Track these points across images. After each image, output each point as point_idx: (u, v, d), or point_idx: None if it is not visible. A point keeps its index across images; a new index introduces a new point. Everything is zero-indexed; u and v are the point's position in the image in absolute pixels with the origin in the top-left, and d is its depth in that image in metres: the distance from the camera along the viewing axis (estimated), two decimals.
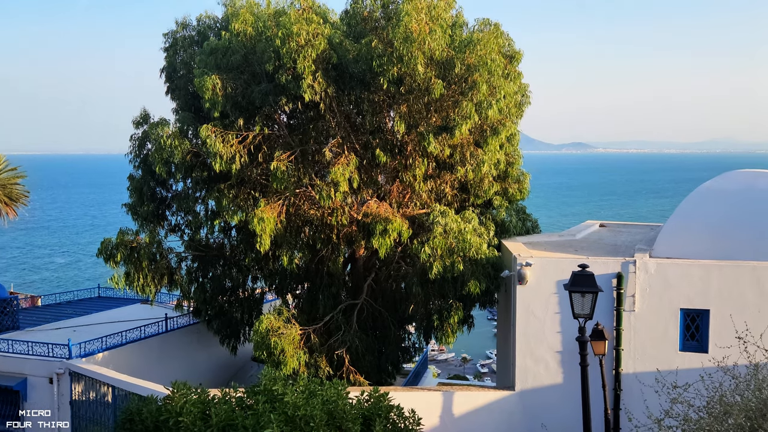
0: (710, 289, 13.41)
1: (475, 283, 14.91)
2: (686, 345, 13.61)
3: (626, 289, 13.77)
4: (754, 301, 13.21)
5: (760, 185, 14.66)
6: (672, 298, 13.62)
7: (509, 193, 18.05)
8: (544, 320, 14.20)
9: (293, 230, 17.28)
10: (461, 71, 14.67)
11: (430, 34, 14.01)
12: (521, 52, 17.06)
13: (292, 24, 14.48)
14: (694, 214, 14.84)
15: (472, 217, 15.58)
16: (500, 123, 15.86)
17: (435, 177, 16.92)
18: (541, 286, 14.14)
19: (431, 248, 14.80)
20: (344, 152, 15.62)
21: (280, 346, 15.05)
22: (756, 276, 13.25)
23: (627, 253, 15.21)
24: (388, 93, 15.51)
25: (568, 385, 13.89)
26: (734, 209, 14.46)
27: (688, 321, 13.66)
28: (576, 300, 10.16)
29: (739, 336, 8.50)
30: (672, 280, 13.63)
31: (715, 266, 13.46)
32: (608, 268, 13.92)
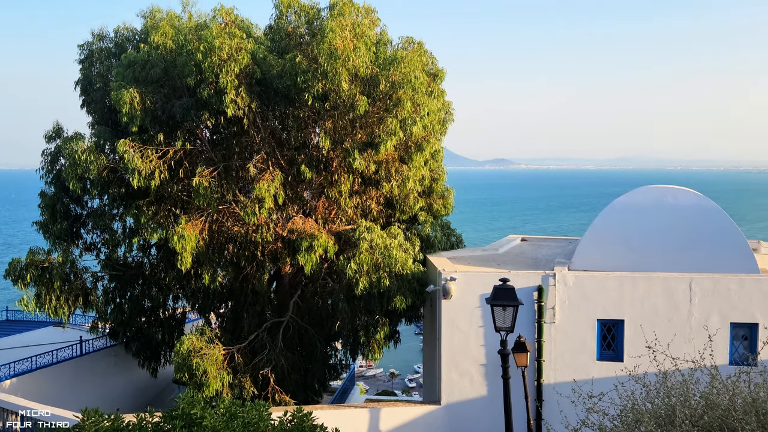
0: (624, 299, 13.99)
1: (401, 299, 14.99)
2: (603, 354, 14.11)
3: (547, 301, 14.16)
4: (664, 310, 13.86)
5: (668, 200, 15.44)
6: (589, 310, 14.11)
7: (434, 209, 18.28)
8: (469, 334, 14.41)
9: (216, 248, 16.88)
10: (386, 88, 14.80)
11: (355, 51, 14.08)
12: (444, 71, 17.39)
13: (214, 38, 14.24)
14: (608, 228, 15.46)
15: (397, 232, 15.68)
16: (424, 139, 16.08)
17: (361, 193, 16.95)
18: (466, 300, 14.36)
19: (357, 264, 14.78)
20: (269, 168, 15.43)
21: (202, 367, 14.60)
22: (666, 286, 13.91)
23: (547, 266, 15.67)
24: (313, 109, 15.47)
25: (492, 397, 14.11)
26: (645, 223, 15.17)
27: (604, 331, 14.18)
28: (497, 313, 10.36)
29: (648, 345, 8.88)
30: (589, 292, 14.13)
31: (628, 278, 14.05)
32: (529, 282, 14.30)
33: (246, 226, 15.95)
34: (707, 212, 15.16)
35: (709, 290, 13.71)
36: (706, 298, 13.72)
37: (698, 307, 13.72)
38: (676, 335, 13.43)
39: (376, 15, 15.88)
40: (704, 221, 14.98)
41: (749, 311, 13.56)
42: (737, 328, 13.71)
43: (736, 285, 13.66)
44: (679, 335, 13.48)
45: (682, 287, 13.82)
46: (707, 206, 15.32)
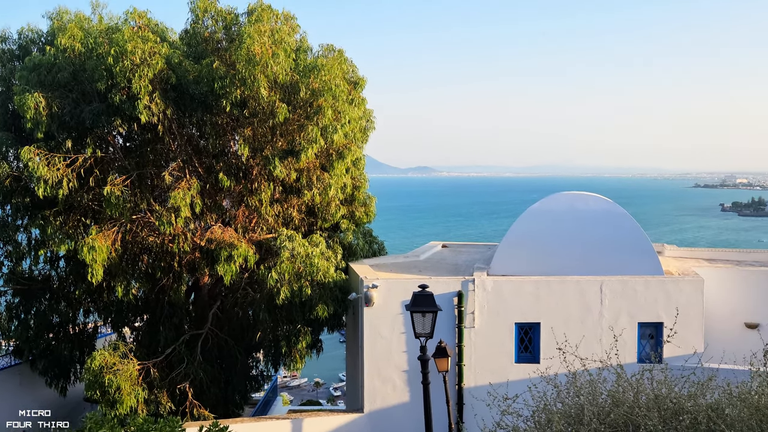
0: (540, 303, 14.43)
1: (323, 307, 14.90)
2: (521, 357, 14.50)
3: (467, 306, 14.43)
4: (578, 312, 14.39)
5: (579, 206, 16.10)
6: (508, 313, 14.47)
7: (356, 217, 18.30)
8: (391, 340, 14.48)
9: (130, 259, 16.26)
10: (306, 96, 14.72)
11: (274, 58, 13.93)
12: (365, 79, 17.47)
13: (126, 41, 13.75)
14: (524, 234, 15.94)
15: (319, 240, 15.58)
16: (346, 147, 16.08)
17: (282, 201, 16.76)
18: (388, 307, 14.43)
19: (278, 273, 14.59)
20: (186, 176, 15.01)
21: (115, 384, 13.99)
22: (579, 289, 14.46)
23: (467, 272, 15.97)
24: (231, 116, 15.18)
25: (414, 403, 14.21)
26: (559, 228, 15.74)
27: (522, 334, 14.57)
28: (417, 320, 10.46)
29: (559, 347, 9.20)
30: (507, 296, 14.50)
31: (543, 282, 14.51)
32: (450, 287, 14.53)
33: (162, 236, 15.45)
34: (616, 217, 15.90)
35: (618, 292, 14.34)
36: (616, 300, 14.34)
37: (608, 309, 14.32)
38: (589, 336, 13.96)
39: (295, 22, 15.79)
40: (613, 226, 15.70)
41: (654, 311, 14.27)
42: (644, 327, 14.40)
43: (643, 286, 14.36)
44: (592, 336, 14.02)
45: (593, 290, 14.39)
46: (616, 211, 16.07)
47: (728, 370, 9.85)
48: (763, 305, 15.66)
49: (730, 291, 15.98)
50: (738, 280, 16.06)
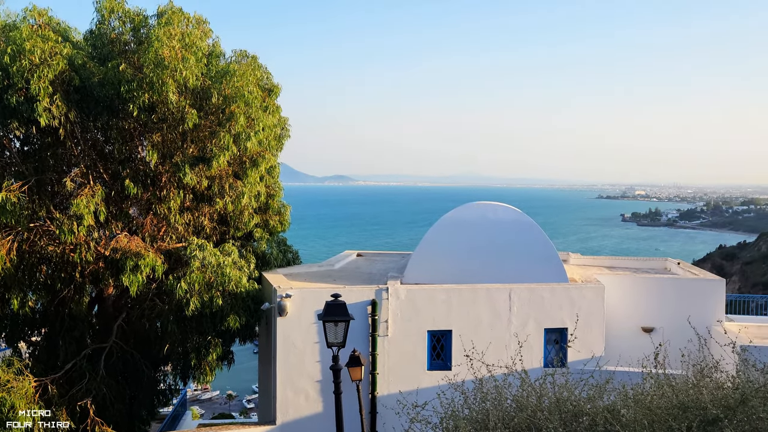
0: (452, 310, 14.72)
1: (234, 318, 14.58)
2: (433, 364, 14.72)
3: (380, 315, 14.51)
4: (488, 319, 14.77)
5: (490, 216, 16.57)
6: (420, 321, 14.67)
7: (270, 225, 18.04)
8: (304, 351, 14.36)
9: (27, 269, 15.34)
10: (218, 101, 14.41)
11: (183, 62, 13.57)
12: (279, 86, 17.31)
13: (24, 40, 13.00)
14: (436, 243, 16.24)
15: (232, 250, 15.25)
16: (260, 155, 15.85)
17: (193, 209, 16.29)
18: (301, 316, 14.31)
19: (188, 283, 14.17)
20: (89, 183, 14.34)
21: (9, 402, 13.10)
22: (489, 297, 14.86)
23: (381, 280, 16.08)
24: (139, 121, 14.64)
25: (327, 413, 14.13)
26: (470, 237, 16.13)
27: (434, 342, 14.80)
28: (329, 329, 10.42)
29: (467, 354, 9.41)
30: (420, 304, 14.70)
31: (455, 290, 14.81)
32: (363, 296, 14.57)
33: (62, 246, 14.66)
34: (524, 226, 16.47)
35: (525, 299, 14.84)
36: (524, 307, 14.83)
37: (517, 315, 14.79)
38: (498, 342, 14.36)
39: (208, 26, 15.45)
40: (521, 235, 16.26)
41: (559, 317, 14.86)
42: (550, 333, 14.97)
43: (549, 293, 14.93)
44: (501, 342, 14.43)
45: (502, 297, 14.83)
46: (524, 221, 16.65)
47: (624, 372, 10.38)
48: (658, 310, 16.61)
49: (628, 297, 16.86)
50: (635, 286, 16.98)
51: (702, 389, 5.38)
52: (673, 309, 16.16)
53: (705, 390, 5.34)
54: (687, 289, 16.77)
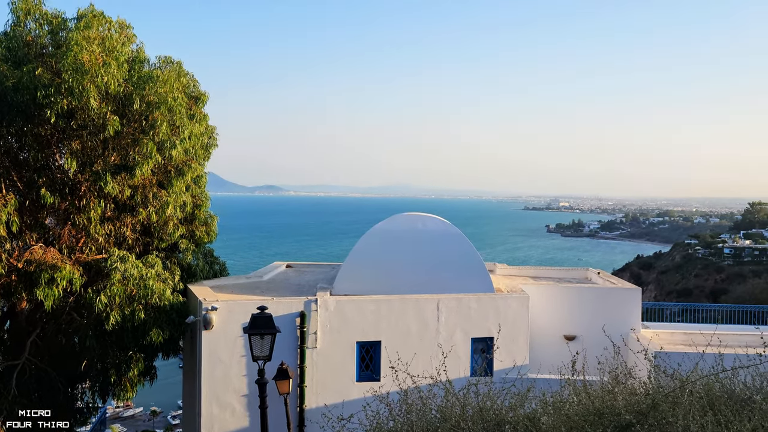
0: (381, 321, 14.76)
1: (157, 332, 14.13)
2: (362, 375, 14.69)
3: (309, 327, 14.39)
4: (416, 330, 14.89)
5: (418, 227, 16.75)
6: (349, 333, 14.64)
7: (196, 236, 17.59)
8: (231, 364, 14.05)
9: None
10: (141, 108, 13.99)
11: (104, 67, 13.11)
12: (207, 94, 16.97)
13: None
14: (366, 254, 16.27)
15: (155, 261, 14.80)
16: (186, 164, 15.48)
17: (114, 219, 15.69)
18: (228, 329, 14.01)
19: (108, 297, 13.64)
20: (1, 191, 13.61)
21: None
22: (418, 307, 14.99)
23: (310, 292, 15.96)
24: (57, 127, 14.03)
25: (253, 428, 13.84)
26: (399, 248, 16.25)
27: (363, 353, 14.79)
28: (255, 342, 10.25)
29: (392, 366, 9.46)
30: (349, 315, 14.67)
31: (384, 301, 14.87)
32: (292, 308, 14.42)
33: None
34: (452, 237, 16.73)
35: (453, 309, 15.05)
36: (452, 317, 15.04)
37: (445, 325, 14.98)
38: (427, 352, 14.47)
39: (132, 31, 15.00)
40: (449, 246, 16.50)
41: (486, 327, 15.15)
42: (477, 342, 15.22)
43: (476, 303, 15.20)
44: (429, 352, 14.54)
45: (431, 307, 14.99)
46: (452, 232, 16.91)
47: (545, 379, 10.67)
48: (579, 318, 17.19)
49: (551, 306, 17.39)
50: (558, 295, 17.53)
51: (616, 395, 5.60)
52: (594, 317, 16.75)
53: (619, 396, 5.56)
54: (606, 298, 17.46)
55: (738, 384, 5.95)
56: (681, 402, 5.12)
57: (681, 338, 16.29)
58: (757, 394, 5.56)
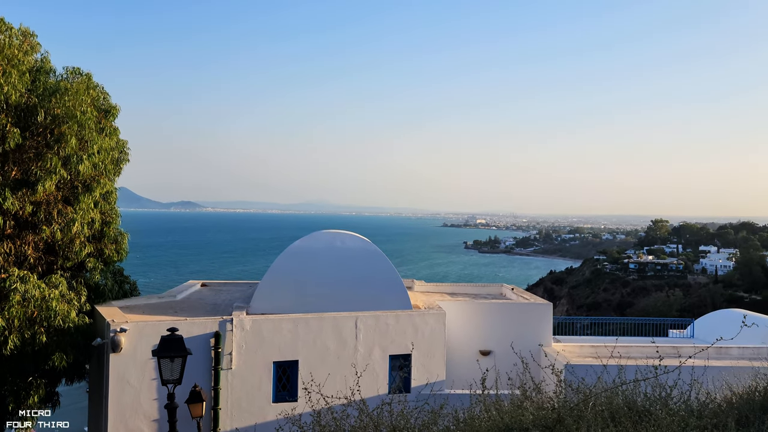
0: (299, 340, 14.58)
1: (60, 356, 13.38)
2: (279, 396, 14.43)
3: (224, 347, 14.02)
4: (335, 348, 14.80)
5: (337, 244, 16.71)
6: (266, 353, 14.36)
7: (106, 255, 16.82)
8: (140, 388, 13.49)
9: None
10: (46, 121, 13.34)
11: (4, 77, 12.43)
12: (118, 107, 16.35)
13: None
14: (284, 272, 16.08)
15: (59, 281, 14.03)
16: (94, 179, 14.83)
17: (14, 237, 14.79)
18: (137, 352, 13.45)
19: (6, 319, 12.80)
20: None
21: None
22: (336, 325, 14.90)
23: (226, 311, 15.58)
24: None
25: None
26: (317, 266, 16.15)
27: (280, 373, 14.54)
28: (164, 365, 9.87)
29: (305, 387, 9.35)
30: (266, 335, 14.41)
31: (302, 319, 14.70)
32: (207, 328, 14.03)
33: None
34: (370, 255, 16.79)
35: (371, 327, 15.07)
36: (370, 334, 15.05)
37: (363, 343, 14.96)
38: (345, 370, 14.41)
39: (36, 39, 14.31)
40: (368, 263, 16.55)
41: (404, 343, 15.24)
42: (395, 359, 15.28)
43: (394, 320, 15.28)
44: (347, 370, 14.49)
45: (349, 325, 14.95)
46: (371, 249, 16.98)
47: (459, 395, 10.84)
48: (494, 333, 17.59)
49: (467, 322, 17.72)
50: (473, 311, 17.89)
51: (525, 410, 5.75)
52: (508, 332, 17.20)
53: (528, 411, 5.71)
54: (519, 313, 17.96)
55: (639, 395, 6.24)
56: (585, 415, 5.31)
57: (589, 351, 16.96)
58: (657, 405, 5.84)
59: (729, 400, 6.59)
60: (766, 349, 17.09)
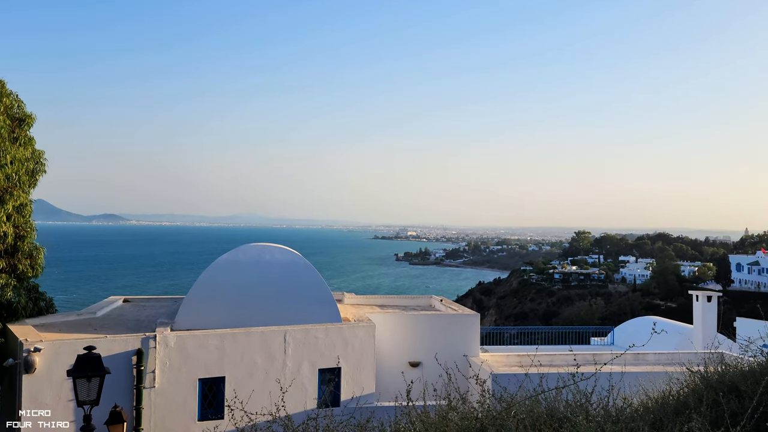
0: (225, 356, 14.25)
1: None
2: (204, 414, 14.04)
3: (147, 365, 13.55)
4: (263, 363, 14.55)
5: (266, 257, 16.50)
6: (191, 370, 13.97)
7: (19, 270, 15.98)
8: (57, 410, 12.84)
9: None
10: None
11: None
12: (33, 116, 15.65)
13: None
14: (211, 286, 15.73)
15: None
16: (6, 191, 14.12)
17: None
18: (53, 372, 12.82)
19: None
20: None
21: None
22: (264, 340, 14.66)
23: (149, 328, 15.08)
24: None
25: None
26: (245, 279, 15.89)
27: (205, 390, 14.16)
28: (81, 386, 9.44)
29: (228, 405, 9.17)
30: (191, 351, 14.01)
31: (229, 335, 14.39)
32: (128, 346, 13.53)
33: None
34: (299, 268, 16.66)
35: (301, 340, 14.91)
36: (299, 348, 14.88)
37: (292, 358, 14.77)
38: (273, 386, 14.16)
39: None
40: (297, 276, 16.41)
41: (333, 357, 15.16)
42: (324, 373, 15.16)
43: (323, 334, 15.17)
44: (275, 385, 14.26)
45: (278, 339, 14.74)
46: (300, 262, 16.84)
47: (386, 407, 10.86)
48: (424, 345, 17.75)
49: (397, 333, 17.80)
50: (403, 323, 18.01)
51: (449, 421, 5.82)
52: (437, 343, 17.38)
53: (451, 422, 5.78)
54: (448, 325, 18.21)
55: (561, 402, 6.43)
56: (507, 424, 5.43)
57: (515, 360, 17.36)
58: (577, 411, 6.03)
59: (645, 405, 6.88)
60: (680, 354, 17.95)
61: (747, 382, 6.10)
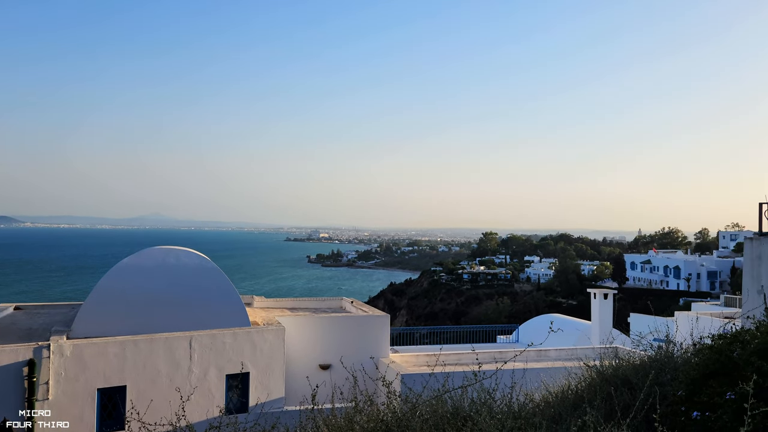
0: (126, 364, 13.66)
1: None
2: (104, 425, 13.40)
3: (40, 376, 12.79)
4: (167, 371, 14.05)
5: (171, 261, 15.97)
6: (89, 379, 13.30)
7: None
8: None
9: None
10: None
11: None
12: None
13: None
14: (112, 291, 15.07)
15: None
16: None
17: None
18: None
19: None
20: None
21: None
22: (168, 346, 14.16)
23: (43, 336, 14.26)
24: None
25: None
26: (149, 284, 15.32)
27: (105, 400, 13.53)
28: None
29: (126, 418, 8.82)
30: (89, 360, 13.35)
31: (130, 342, 13.81)
32: (19, 356, 12.71)
33: None
34: (206, 271, 16.24)
35: (207, 346, 14.52)
36: (205, 354, 14.48)
37: (198, 364, 14.36)
38: (177, 394, 13.71)
39: None
40: (204, 280, 16.00)
41: (241, 362, 14.85)
42: (232, 378, 14.83)
43: (231, 338, 14.84)
44: (180, 394, 13.81)
45: (183, 346, 14.28)
46: (207, 266, 16.42)
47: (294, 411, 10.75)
48: (334, 347, 17.73)
49: (307, 336, 17.69)
50: (313, 325, 17.91)
51: (355, 424, 5.83)
52: (347, 345, 17.41)
53: (357, 425, 5.79)
54: (357, 326, 18.27)
55: (466, 400, 6.59)
56: (411, 425, 5.50)
57: (424, 360, 17.65)
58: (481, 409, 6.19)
59: (546, 400, 7.16)
60: (578, 350, 18.84)
61: (638, 375, 6.47)
